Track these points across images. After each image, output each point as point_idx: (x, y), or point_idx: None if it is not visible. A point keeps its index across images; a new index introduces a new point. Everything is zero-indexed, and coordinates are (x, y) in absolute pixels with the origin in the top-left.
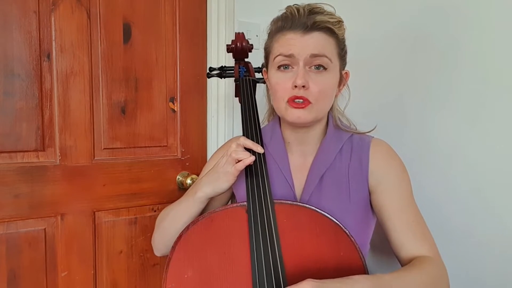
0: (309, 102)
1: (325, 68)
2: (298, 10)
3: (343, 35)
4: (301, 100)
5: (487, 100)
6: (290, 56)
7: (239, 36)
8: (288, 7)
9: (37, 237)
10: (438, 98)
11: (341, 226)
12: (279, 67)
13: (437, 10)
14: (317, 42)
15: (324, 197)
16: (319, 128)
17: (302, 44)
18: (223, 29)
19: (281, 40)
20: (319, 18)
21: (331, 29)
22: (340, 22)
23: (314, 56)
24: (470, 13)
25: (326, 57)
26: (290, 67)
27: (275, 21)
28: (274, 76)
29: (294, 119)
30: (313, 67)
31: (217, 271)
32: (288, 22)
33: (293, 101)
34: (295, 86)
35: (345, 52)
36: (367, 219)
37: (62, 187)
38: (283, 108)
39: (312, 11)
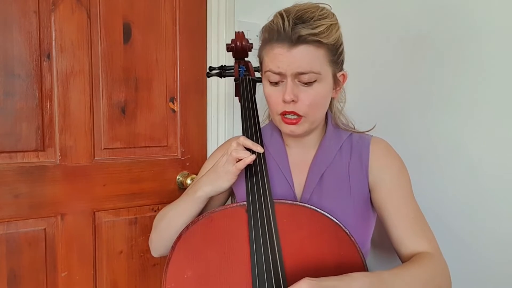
0: (300, 117)
1: (315, 80)
2: (283, 22)
3: (335, 40)
4: (292, 115)
5: (488, 100)
6: (278, 73)
7: (239, 35)
8: (276, 16)
9: (37, 237)
10: (438, 98)
11: (341, 226)
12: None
13: (437, 10)
14: (302, 58)
15: (324, 195)
16: (317, 131)
17: (289, 60)
18: (223, 29)
19: (270, 54)
20: (304, 31)
21: (318, 40)
22: (330, 27)
23: (300, 73)
24: (470, 13)
25: (313, 72)
26: (280, 81)
27: (264, 30)
28: (266, 87)
29: (288, 133)
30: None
31: (217, 271)
32: (274, 34)
33: (285, 116)
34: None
35: (340, 54)
36: (367, 216)
37: (62, 187)
38: (277, 120)
39: (299, 19)
